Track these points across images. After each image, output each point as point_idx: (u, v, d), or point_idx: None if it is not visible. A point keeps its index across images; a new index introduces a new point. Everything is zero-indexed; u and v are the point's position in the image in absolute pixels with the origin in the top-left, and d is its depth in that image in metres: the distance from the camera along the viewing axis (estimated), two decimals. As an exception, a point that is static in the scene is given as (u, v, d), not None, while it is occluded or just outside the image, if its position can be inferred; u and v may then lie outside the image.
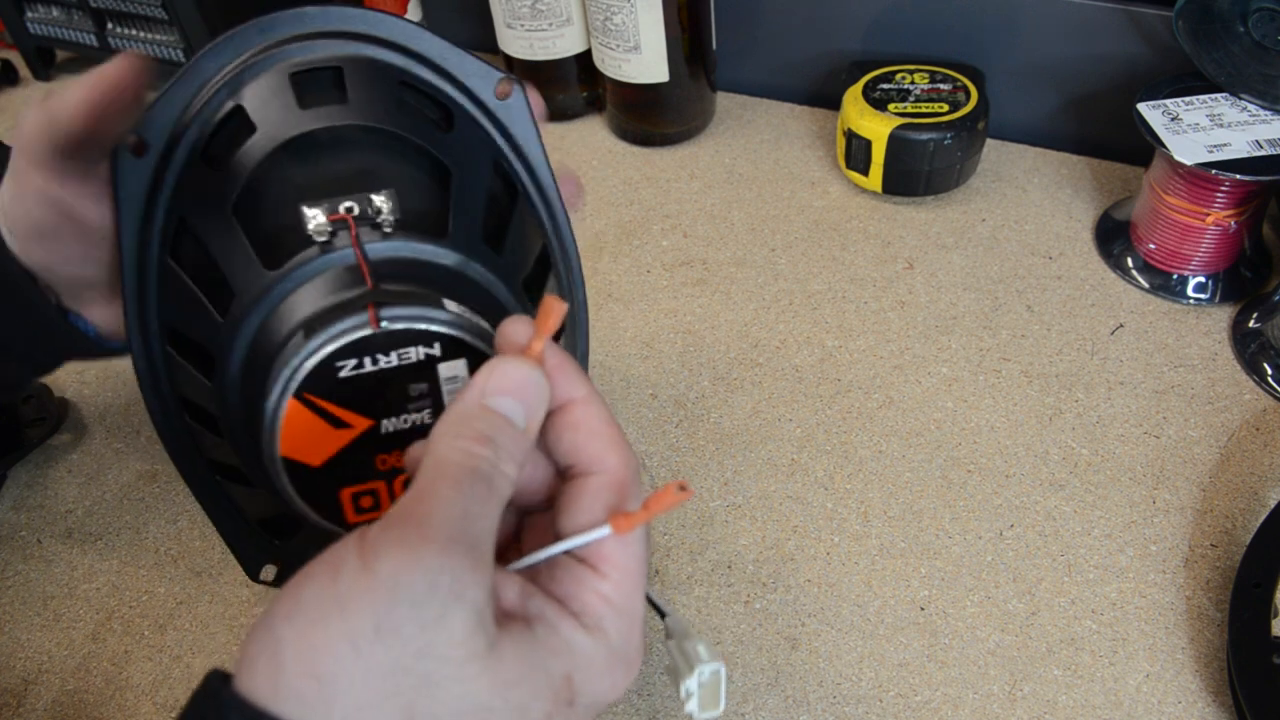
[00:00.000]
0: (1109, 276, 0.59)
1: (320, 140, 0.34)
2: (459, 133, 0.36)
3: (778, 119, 0.73)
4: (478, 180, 0.36)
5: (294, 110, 0.34)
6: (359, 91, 0.35)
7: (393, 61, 0.36)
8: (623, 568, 0.25)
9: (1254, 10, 0.54)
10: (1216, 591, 0.44)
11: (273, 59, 0.34)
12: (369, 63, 0.35)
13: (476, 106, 0.37)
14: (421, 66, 0.36)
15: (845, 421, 0.52)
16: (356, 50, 0.35)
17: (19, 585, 0.49)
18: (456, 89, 0.36)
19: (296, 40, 0.35)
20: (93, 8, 0.78)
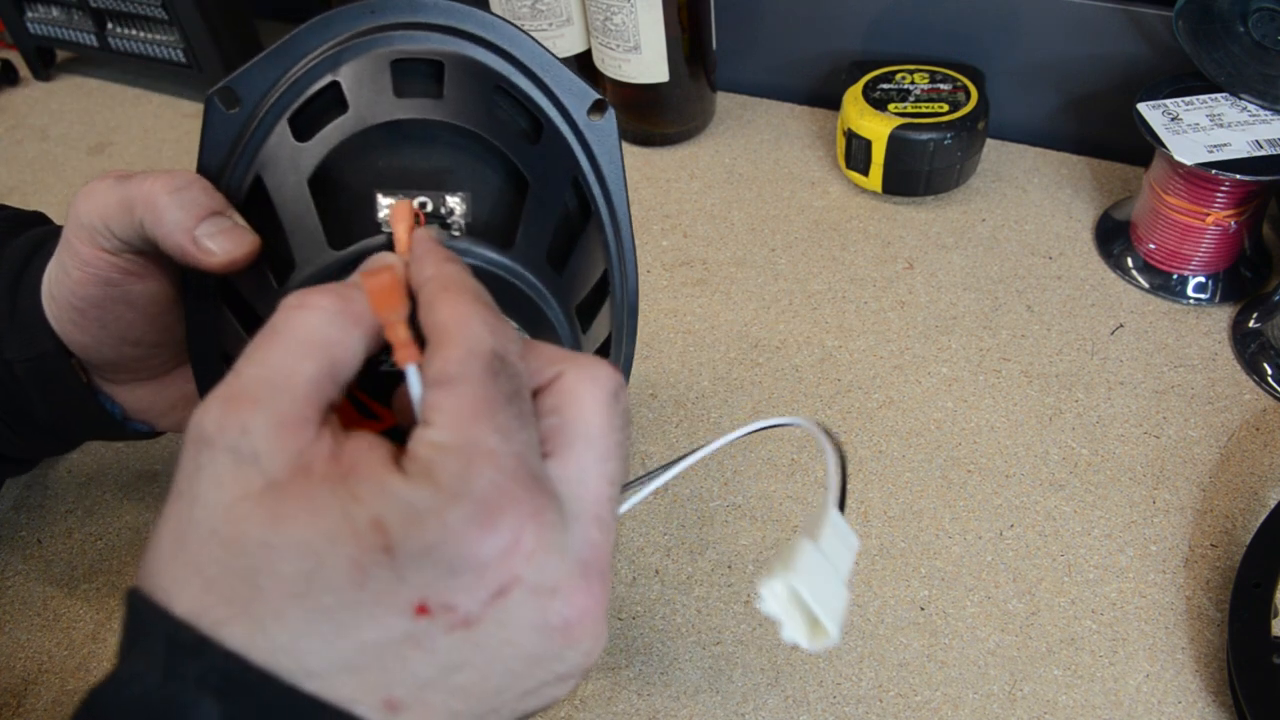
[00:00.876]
0: (1109, 276, 0.59)
1: (408, 131, 0.34)
2: (544, 146, 0.36)
3: (778, 119, 0.73)
4: (554, 196, 0.35)
5: (388, 97, 0.34)
6: (455, 90, 0.34)
7: (493, 65, 0.36)
8: (451, 409, 0.23)
9: (1254, 10, 0.54)
10: (1216, 591, 0.44)
11: (377, 42, 0.35)
12: (470, 63, 0.35)
13: (566, 122, 0.37)
14: (520, 74, 0.36)
15: (845, 421, 0.52)
16: (459, 48, 0.35)
17: (19, 585, 0.49)
18: (550, 102, 0.37)
19: (404, 28, 0.35)
20: (93, 8, 0.78)
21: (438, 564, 0.21)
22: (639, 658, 0.43)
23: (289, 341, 0.24)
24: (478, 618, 0.22)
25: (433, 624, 0.22)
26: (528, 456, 0.23)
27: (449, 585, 0.22)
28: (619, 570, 0.47)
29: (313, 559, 0.21)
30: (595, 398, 0.25)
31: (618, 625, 0.45)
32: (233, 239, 0.33)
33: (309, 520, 0.21)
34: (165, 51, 0.77)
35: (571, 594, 0.23)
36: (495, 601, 0.22)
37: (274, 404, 0.22)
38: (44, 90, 0.85)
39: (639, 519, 0.49)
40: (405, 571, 0.21)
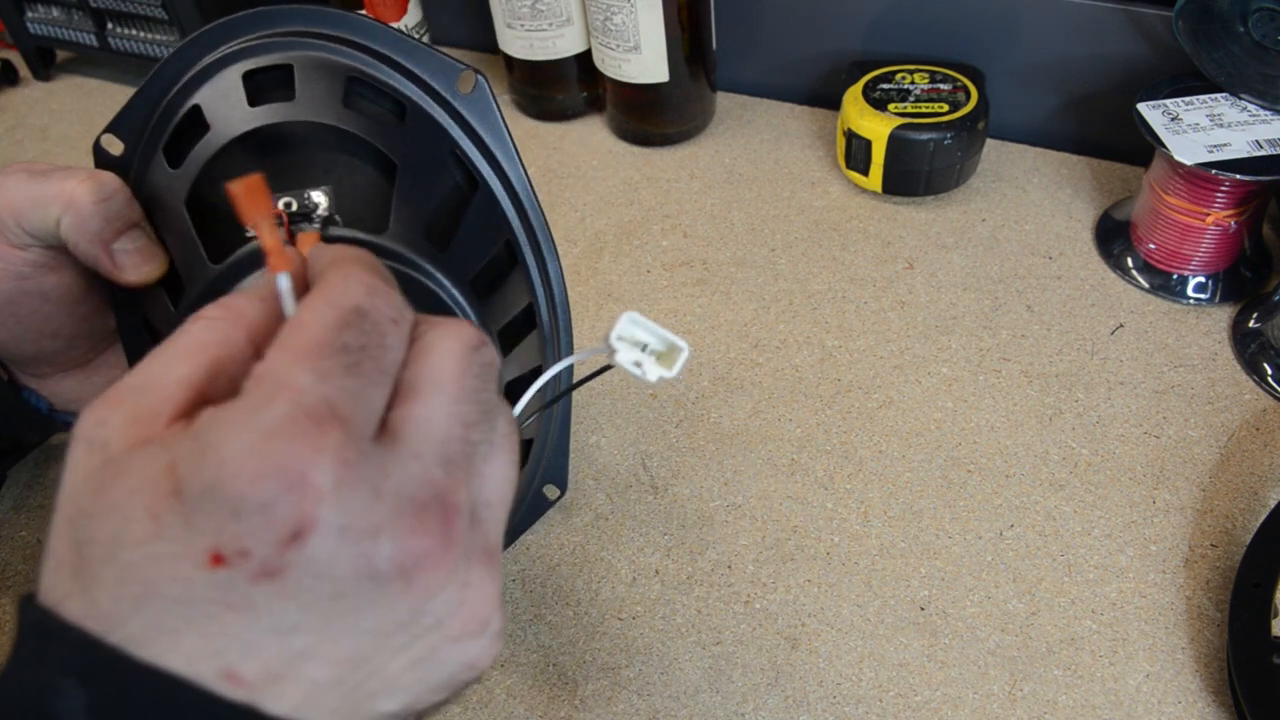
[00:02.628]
0: (1109, 276, 0.59)
1: (266, 136, 0.34)
2: (410, 127, 0.36)
3: (778, 119, 0.73)
4: (427, 174, 0.36)
5: (243, 108, 0.35)
6: (307, 89, 0.35)
7: (344, 60, 0.36)
8: (279, 346, 0.22)
9: (1254, 10, 0.54)
10: (1216, 591, 0.44)
11: (229, 59, 0.36)
12: (320, 61, 0.36)
13: (436, 100, 0.37)
14: (378, 64, 0.36)
15: (845, 421, 0.52)
16: (309, 49, 0.36)
17: (19, 585, 0.49)
18: (414, 83, 0.37)
19: (259, 39, 0.36)
20: (93, 8, 0.78)
21: (220, 505, 0.20)
22: (639, 658, 0.43)
23: (169, 349, 0.23)
24: (279, 566, 0.20)
25: (233, 575, 0.20)
26: (340, 400, 0.21)
27: (236, 529, 0.20)
28: (619, 570, 0.47)
29: (119, 517, 0.20)
30: (449, 348, 0.23)
31: (618, 625, 0.45)
32: (146, 257, 0.34)
33: (120, 480, 0.21)
34: (165, 51, 0.77)
35: (400, 535, 0.21)
36: (292, 546, 0.20)
37: (135, 401, 0.22)
38: (44, 90, 0.85)
39: (639, 519, 0.49)
40: (193, 515, 0.20)
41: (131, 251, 0.34)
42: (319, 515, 0.20)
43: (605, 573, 0.47)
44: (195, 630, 0.20)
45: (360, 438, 0.21)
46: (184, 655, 0.20)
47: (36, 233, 0.34)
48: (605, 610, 0.45)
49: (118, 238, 0.33)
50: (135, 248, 0.34)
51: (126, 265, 0.34)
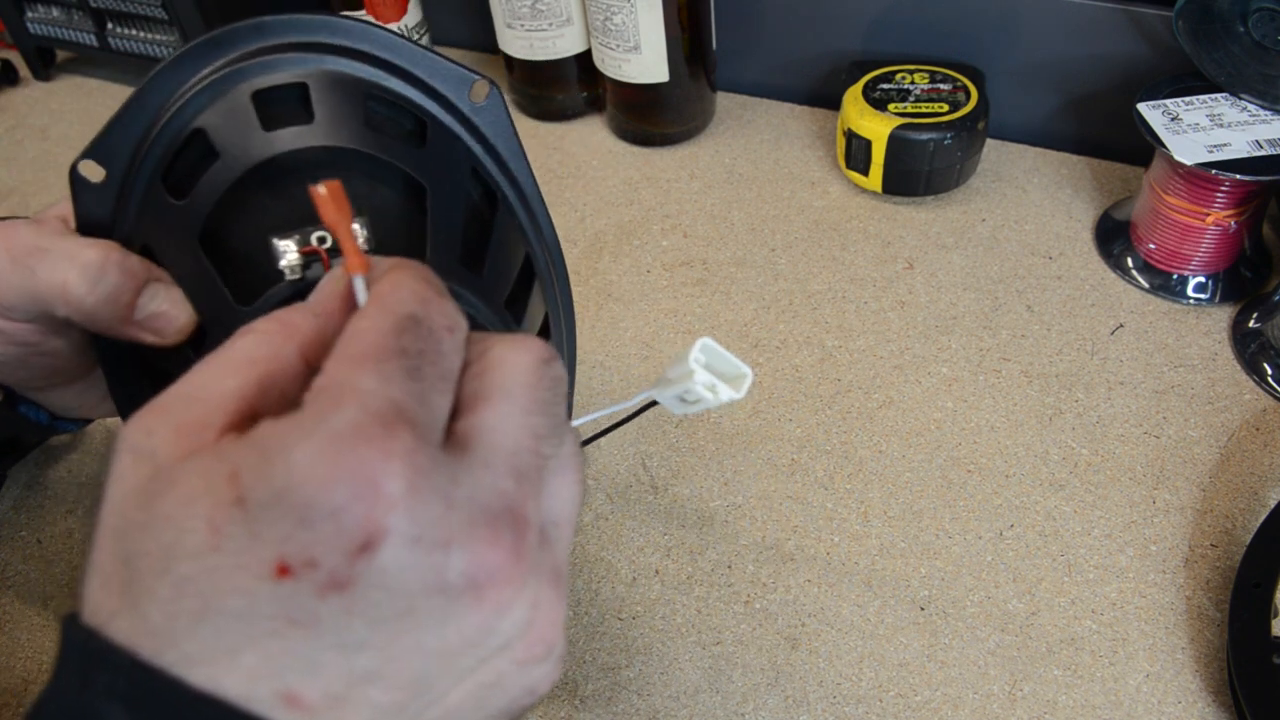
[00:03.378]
0: (1109, 276, 0.59)
1: (287, 165, 0.31)
2: (433, 146, 0.34)
3: (778, 119, 0.73)
4: (455, 195, 0.33)
5: (258, 133, 0.31)
6: (325, 110, 0.32)
7: (360, 74, 0.34)
8: (340, 353, 0.21)
9: (1254, 10, 0.54)
10: (1216, 591, 0.44)
11: (233, 77, 0.32)
12: (334, 78, 0.33)
13: (450, 113, 0.35)
14: (391, 76, 0.34)
15: (845, 421, 0.52)
16: (320, 64, 0.33)
17: (19, 585, 0.49)
18: (429, 96, 0.34)
19: (257, 54, 0.33)
20: (93, 8, 0.78)
21: (288, 512, 0.19)
22: (639, 658, 0.43)
23: (219, 361, 0.22)
24: (348, 579, 0.19)
25: (299, 587, 0.19)
26: (408, 404, 0.20)
27: (304, 538, 0.19)
28: (619, 570, 0.47)
29: (174, 527, 0.19)
30: (520, 360, 0.23)
31: (618, 625, 0.45)
32: (175, 311, 0.31)
33: (174, 490, 0.20)
34: (165, 51, 0.77)
35: (472, 547, 0.20)
36: (362, 557, 0.19)
37: (183, 412, 0.21)
38: (44, 90, 0.85)
39: (639, 519, 0.49)
40: (257, 524, 0.19)
41: (159, 314, 0.31)
42: (390, 524, 0.19)
43: (605, 573, 0.47)
44: (256, 648, 0.19)
45: (429, 443, 0.20)
46: (242, 675, 0.19)
47: (34, 320, 0.32)
48: (605, 610, 0.45)
49: (134, 307, 0.31)
50: (160, 309, 0.31)
51: (162, 329, 0.31)
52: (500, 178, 0.36)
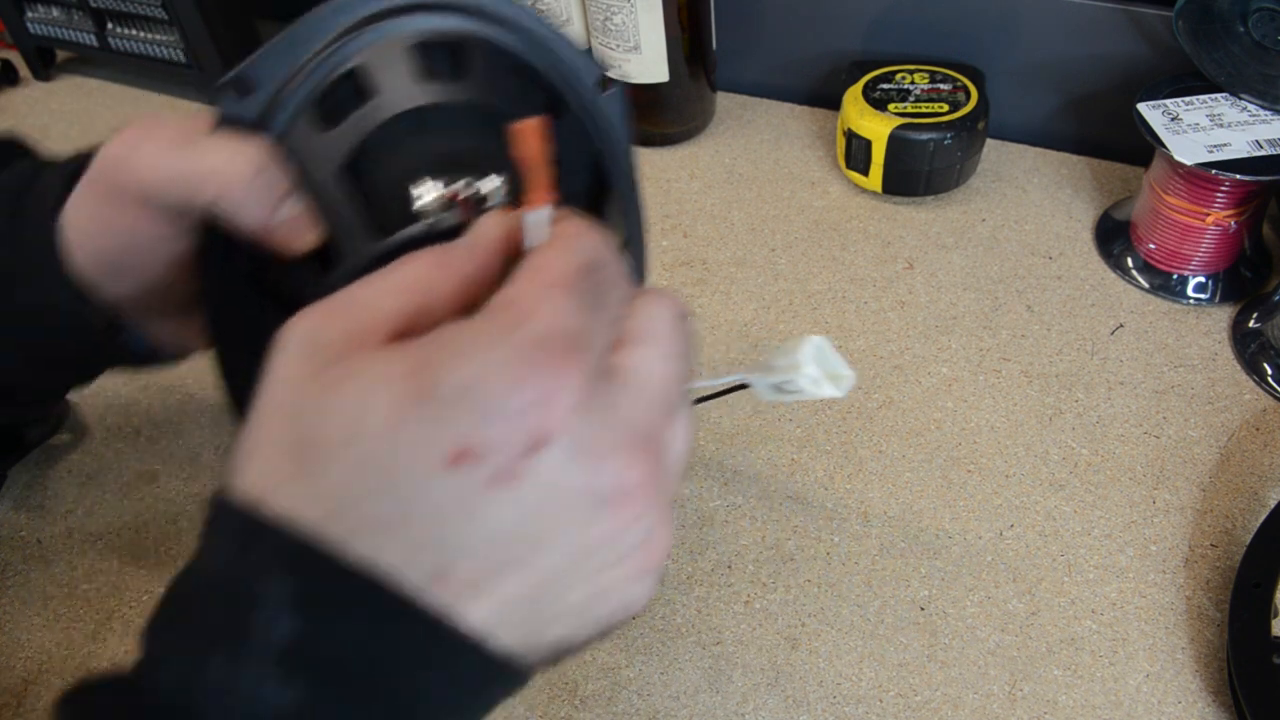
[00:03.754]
0: (1109, 276, 0.59)
1: (435, 115, 0.33)
2: (566, 124, 0.35)
3: (778, 119, 0.73)
4: (579, 176, 0.35)
5: (412, 82, 0.33)
6: (478, 71, 0.33)
7: (509, 44, 0.35)
8: (532, 269, 0.23)
9: (1254, 10, 0.54)
10: (1216, 591, 0.44)
11: (395, 25, 0.33)
12: (487, 43, 0.34)
13: (578, 98, 0.36)
14: (533, 51, 0.35)
15: (845, 421, 0.52)
16: (475, 27, 0.34)
17: (19, 585, 0.49)
18: (563, 79, 0.36)
19: (412, 10, 0.34)
20: (93, 8, 0.78)
21: (472, 407, 0.21)
22: (639, 658, 0.43)
23: (384, 280, 0.24)
24: (514, 472, 0.21)
25: (472, 474, 0.21)
26: (585, 332, 0.22)
27: (484, 432, 0.21)
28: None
29: (356, 408, 0.21)
30: (663, 311, 0.25)
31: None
32: (305, 224, 0.32)
33: (354, 378, 0.22)
34: (165, 51, 0.77)
35: (623, 462, 0.22)
36: (531, 454, 0.21)
37: (350, 318, 0.23)
38: (44, 90, 0.85)
39: (639, 519, 0.49)
40: (442, 411, 0.21)
41: (291, 221, 0.32)
42: (559, 430, 0.21)
43: (605, 573, 0.47)
44: (417, 528, 0.21)
45: (596, 371, 0.22)
46: (399, 552, 0.21)
47: (176, 208, 0.33)
48: (605, 610, 0.45)
49: (274, 212, 0.31)
50: (294, 215, 0.32)
51: (290, 236, 0.32)
52: (610, 169, 0.37)
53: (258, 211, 0.31)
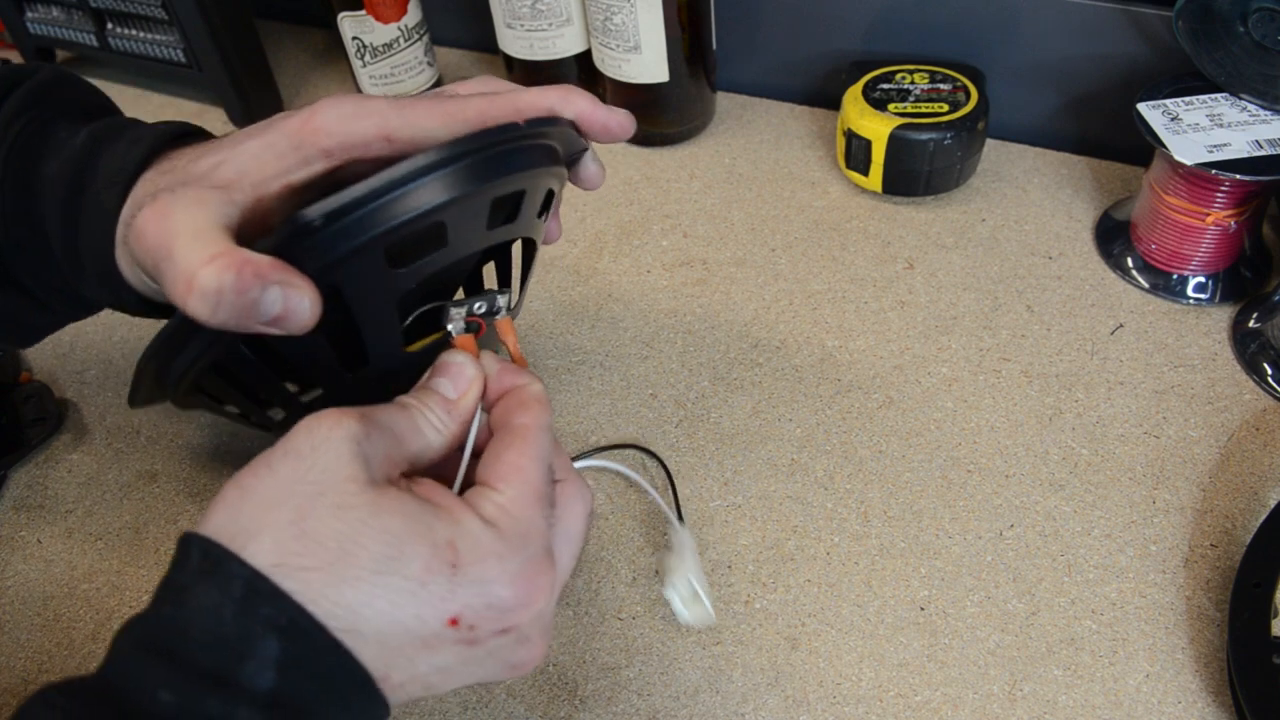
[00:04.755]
0: (1109, 276, 0.59)
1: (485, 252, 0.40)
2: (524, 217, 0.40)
3: (778, 119, 0.73)
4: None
5: (482, 230, 0.36)
6: (527, 210, 0.38)
7: (547, 179, 0.38)
8: (517, 485, 0.30)
9: (1254, 10, 0.54)
10: (1216, 591, 0.44)
11: (484, 169, 0.34)
12: (539, 183, 0.38)
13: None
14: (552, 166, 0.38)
15: (845, 421, 0.52)
16: (536, 169, 0.37)
17: (19, 585, 0.49)
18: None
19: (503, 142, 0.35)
20: (93, 8, 0.78)
21: (483, 594, 0.28)
22: (639, 658, 0.43)
23: (404, 417, 0.31)
24: (481, 641, 0.28)
25: (452, 634, 0.28)
26: (552, 544, 0.31)
27: (480, 613, 0.28)
28: (619, 570, 0.47)
29: (397, 547, 0.27)
30: (583, 509, 0.34)
31: (618, 625, 0.45)
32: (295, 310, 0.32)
33: (401, 518, 0.28)
34: (165, 51, 0.77)
35: (536, 645, 0.31)
36: (498, 636, 0.29)
37: (388, 441, 0.30)
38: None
39: (639, 519, 0.49)
40: (459, 589, 0.28)
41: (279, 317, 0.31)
42: (522, 624, 0.29)
43: (605, 573, 0.47)
44: (394, 645, 0.27)
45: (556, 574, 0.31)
46: (373, 654, 0.27)
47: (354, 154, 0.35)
48: (605, 610, 0.45)
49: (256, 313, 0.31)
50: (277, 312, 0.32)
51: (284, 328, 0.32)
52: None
53: (236, 325, 0.31)
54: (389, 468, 0.29)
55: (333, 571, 0.26)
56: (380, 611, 0.27)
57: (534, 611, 0.29)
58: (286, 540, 0.26)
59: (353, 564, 0.27)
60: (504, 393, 0.34)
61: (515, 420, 0.32)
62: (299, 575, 0.26)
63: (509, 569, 0.28)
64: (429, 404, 0.32)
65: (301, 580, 0.26)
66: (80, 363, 0.60)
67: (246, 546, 0.26)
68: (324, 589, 0.26)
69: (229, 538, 0.27)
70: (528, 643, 0.30)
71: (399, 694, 0.29)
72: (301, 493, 0.27)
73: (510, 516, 0.29)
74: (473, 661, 0.29)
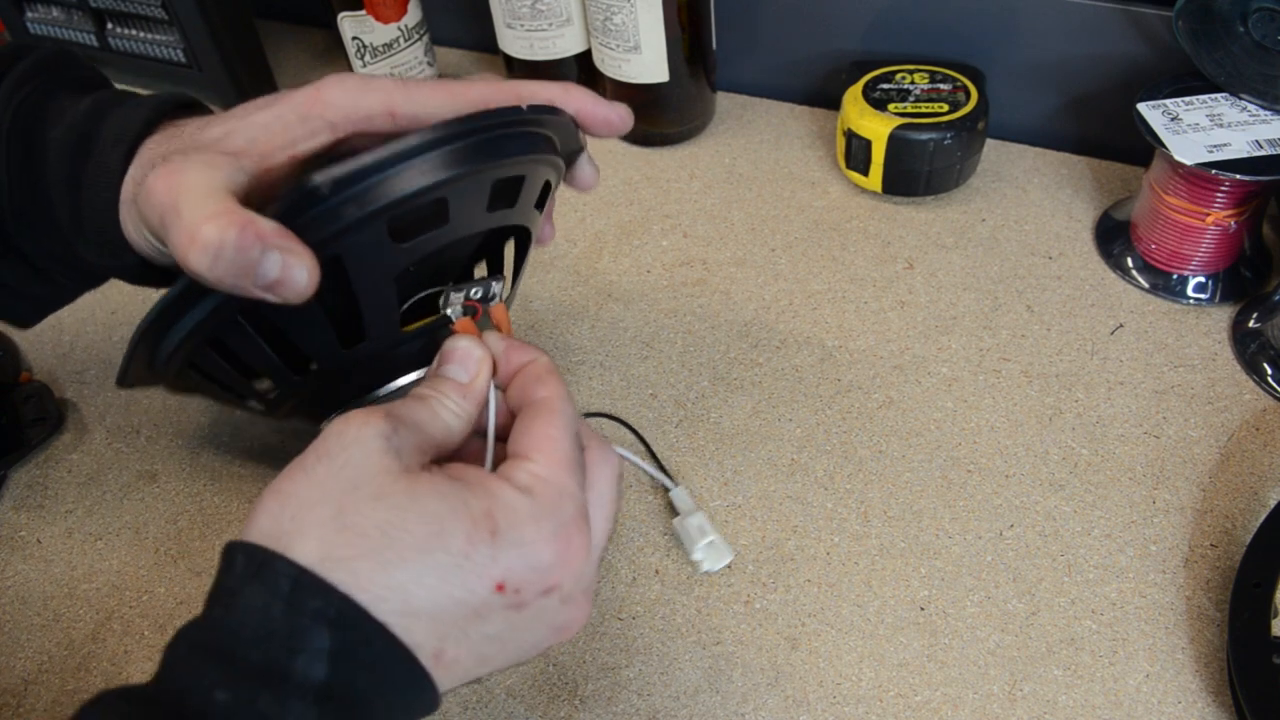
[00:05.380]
0: (1109, 276, 0.59)
1: (485, 236, 0.40)
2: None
3: (778, 119, 0.73)
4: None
5: (482, 212, 0.37)
6: (525, 197, 0.39)
7: (548, 165, 0.39)
8: (549, 453, 0.31)
9: (1254, 10, 0.54)
10: (1216, 591, 0.44)
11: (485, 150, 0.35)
12: (538, 169, 0.38)
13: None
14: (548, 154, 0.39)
15: (845, 421, 0.52)
16: (537, 155, 0.37)
17: (19, 585, 0.49)
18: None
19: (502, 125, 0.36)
20: (93, 8, 0.78)
21: (524, 557, 0.29)
22: (639, 658, 0.43)
23: (424, 408, 0.32)
24: (528, 604, 0.29)
25: (500, 600, 0.28)
26: (587, 507, 0.31)
27: (525, 576, 0.29)
28: (619, 570, 0.47)
29: (438, 525, 0.28)
30: (610, 473, 0.33)
31: (618, 625, 0.45)
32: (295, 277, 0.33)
33: (438, 498, 0.28)
34: (165, 51, 0.77)
35: (578, 605, 0.31)
36: (542, 596, 0.29)
37: (415, 433, 0.31)
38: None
39: (639, 519, 0.49)
40: (500, 554, 0.28)
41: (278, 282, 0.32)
42: (563, 583, 0.30)
43: (605, 573, 0.47)
44: (446, 621, 0.28)
45: (591, 535, 0.31)
46: (424, 632, 0.28)
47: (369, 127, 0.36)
48: (605, 610, 0.45)
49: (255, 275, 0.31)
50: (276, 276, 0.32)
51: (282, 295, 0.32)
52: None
53: (233, 285, 0.31)
54: (419, 457, 0.30)
55: (378, 557, 0.27)
56: (431, 588, 0.27)
57: (574, 571, 0.30)
58: (329, 535, 0.27)
59: (398, 547, 0.27)
60: (515, 371, 0.34)
61: (536, 394, 0.33)
62: (346, 565, 0.27)
63: (545, 530, 0.29)
64: (444, 391, 0.33)
65: (349, 570, 0.27)
66: (80, 363, 0.60)
67: (291, 547, 0.27)
68: (372, 575, 0.27)
69: (273, 540, 0.27)
70: (571, 603, 0.31)
71: (455, 670, 0.29)
72: (338, 489, 0.28)
73: (544, 482, 0.30)
74: (521, 626, 0.30)
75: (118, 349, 0.60)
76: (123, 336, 0.61)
